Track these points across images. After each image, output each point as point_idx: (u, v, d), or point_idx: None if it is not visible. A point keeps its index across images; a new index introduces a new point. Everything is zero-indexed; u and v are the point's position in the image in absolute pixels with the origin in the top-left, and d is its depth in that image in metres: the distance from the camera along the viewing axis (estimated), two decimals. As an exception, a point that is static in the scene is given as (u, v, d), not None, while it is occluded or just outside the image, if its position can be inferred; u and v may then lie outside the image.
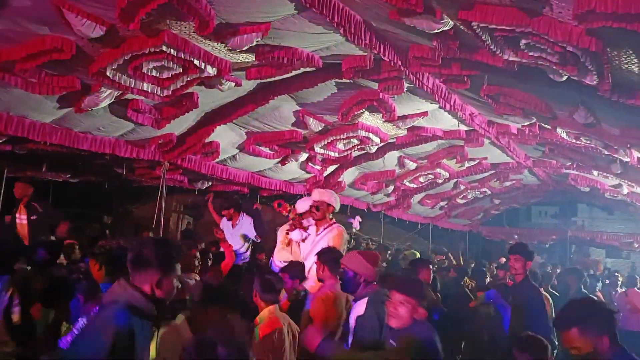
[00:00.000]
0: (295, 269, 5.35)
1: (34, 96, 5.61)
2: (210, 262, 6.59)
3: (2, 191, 7.94)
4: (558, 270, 11.88)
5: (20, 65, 4.95)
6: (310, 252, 5.43)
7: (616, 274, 12.36)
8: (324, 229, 5.63)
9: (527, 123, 7.67)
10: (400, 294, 3.30)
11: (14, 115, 6.08)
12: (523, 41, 4.34)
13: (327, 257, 4.63)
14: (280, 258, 5.93)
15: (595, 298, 6.95)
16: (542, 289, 6.27)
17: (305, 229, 5.83)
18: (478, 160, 11.20)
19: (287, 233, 5.99)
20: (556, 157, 10.34)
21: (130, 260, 2.52)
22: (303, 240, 5.79)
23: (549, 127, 7.52)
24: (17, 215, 6.38)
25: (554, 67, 4.65)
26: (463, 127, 8.64)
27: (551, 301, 6.90)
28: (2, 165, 7.29)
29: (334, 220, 5.70)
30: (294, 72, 6.11)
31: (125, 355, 2.27)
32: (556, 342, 4.93)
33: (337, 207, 5.79)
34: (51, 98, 5.85)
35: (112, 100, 5.99)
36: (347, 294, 4.45)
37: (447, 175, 11.81)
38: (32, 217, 6.38)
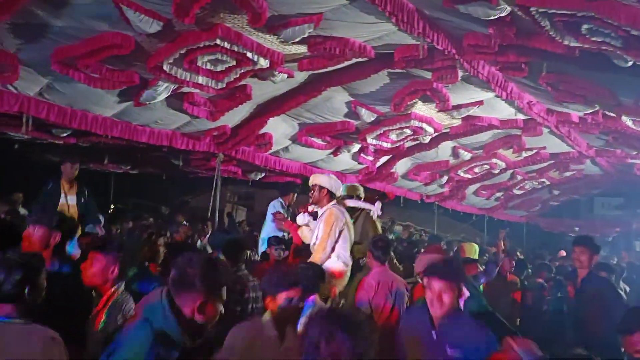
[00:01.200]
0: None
1: (96, 91, 5.83)
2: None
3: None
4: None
5: (82, 61, 5.15)
6: (312, 235, 5.40)
7: None
8: (322, 212, 5.43)
9: (590, 111, 7.35)
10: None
11: (78, 109, 6.35)
12: (584, 26, 4.17)
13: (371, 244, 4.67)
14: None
15: None
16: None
17: (309, 212, 5.77)
18: (536, 150, 10.85)
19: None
20: (621, 146, 9.88)
21: (173, 278, 2.32)
22: (307, 225, 5.73)
23: (614, 114, 7.20)
24: (65, 198, 6.64)
25: (618, 52, 4.44)
26: (520, 116, 8.38)
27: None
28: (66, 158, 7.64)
29: (333, 202, 5.52)
30: (346, 63, 6.10)
31: None
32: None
33: (336, 191, 5.45)
34: (112, 92, 6.07)
35: (168, 94, 6.16)
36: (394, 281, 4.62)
37: (503, 165, 11.50)
38: (81, 200, 6.67)
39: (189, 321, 2.25)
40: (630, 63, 4.64)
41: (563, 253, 12.69)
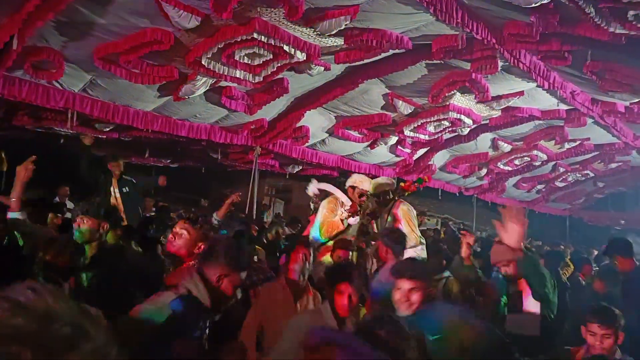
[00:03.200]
0: None
1: (137, 86, 5.97)
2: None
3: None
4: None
5: (124, 57, 5.29)
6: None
7: None
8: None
9: (637, 100, 7.11)
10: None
11: (120, 104, 6.52)
12: (631, 12, 4.03)
13: (390, 238, 4.58)
14: None
15: None
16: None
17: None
18: (580, 141, 10.52)
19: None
20: (670, 136, 9.52)
21: (203, 252, 2.69)
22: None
23: (662, 104, 6.94)
24: (112, 190, 6.90)
25: (668, 39, 4.28)
26: (563, 107, 8.15)
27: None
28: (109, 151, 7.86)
29: None
30: (383, 55, 6.05)
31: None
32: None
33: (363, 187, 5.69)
34: (152, 87, 6.21)
35: (207, 88, 6.25)
36: None
37: (545, 157, 11.21)
38: (124, 190, 6.90)
39: (213, 288, 2.50)
40: (680, 50, 4.47)
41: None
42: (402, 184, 6.03)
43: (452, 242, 7.57)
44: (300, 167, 10.75)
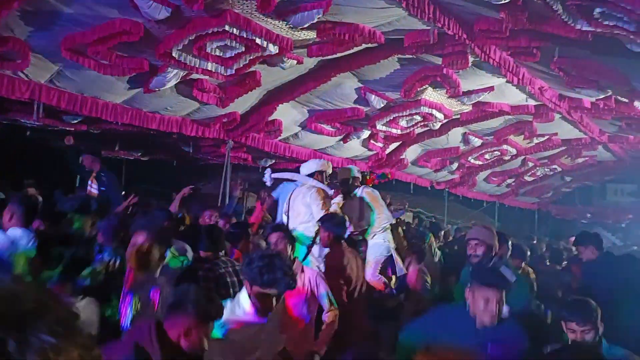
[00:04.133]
0: None
1: (106, 77, 5.86)
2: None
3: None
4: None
5: (92, 48, 5.18)
6: None
7: None
8: None
9: (602, 96, 7.27)
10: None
11: (88, 96, 6.39)
12: (597, 9, 4.12)
13: (331, 223, 4.65)
14: None
15: None
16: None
17: None
18: (548, 136, 10.75)
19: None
20: (634, 132, 9.77)
21: (168, 302, 2.47)
22: None
23: (626, 100, 7.12)
24: (90, 186, 6.78)
25: (631, 37, 4.38)
26: (532, 102, 8.30)
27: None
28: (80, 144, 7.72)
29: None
30: (356, 49, 6.07)
31: None
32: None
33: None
34: (122, 79, 6.10)
35: (178, 81, 6.17)
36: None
37: (514, 152, 11.43)
38: (102, 189, 6.76)
39: (173, 346, 2.30)
40: (644, 47, 4.58)
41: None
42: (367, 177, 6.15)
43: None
44: (273, 161, 10.71)
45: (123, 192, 10.53)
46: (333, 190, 5.94)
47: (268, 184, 6.18)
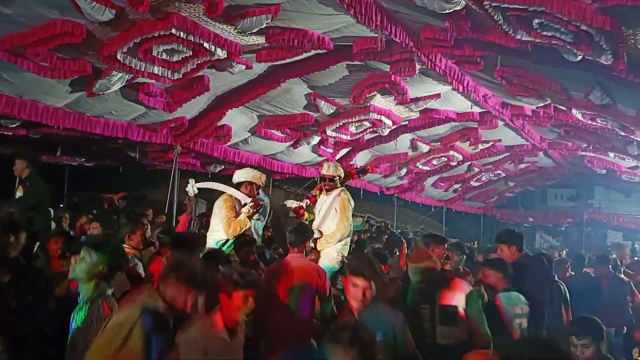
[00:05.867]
0: None
1: (46, 80, 5.65)
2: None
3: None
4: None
5: (31, 50, 4.99)
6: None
7: None
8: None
9: (542, 104, 7.56)
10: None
11: (27, 99, 6.14)
12: (536, 20, 4.27)
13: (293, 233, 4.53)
14: None
15: None
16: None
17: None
18: (492, 143, 11.10)
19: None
20: (572, 139, 10.19)
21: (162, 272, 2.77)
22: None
23: (564, 108, 7.41)
24: (17, 193, 6.48)
25: (568, 47, 4.57)
26: (476, 109, 8.54)
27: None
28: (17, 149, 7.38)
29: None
30: (305, 55, 6.08)
31: None
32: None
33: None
34: (63, 82, 5.89)
35: (123, 84, 6.01)
36: None
37: (460, 157, 11.72)
38: (19, 195, 6.47)
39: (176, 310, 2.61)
40: (579, 57, 4.77)
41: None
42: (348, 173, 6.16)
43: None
44: (223, 167, 10.59)
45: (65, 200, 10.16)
46: (307, 199, 5.94)
47: (191, 194, 6.07)
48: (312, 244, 5.16)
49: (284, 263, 4.22)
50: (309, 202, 6.08)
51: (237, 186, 5.61)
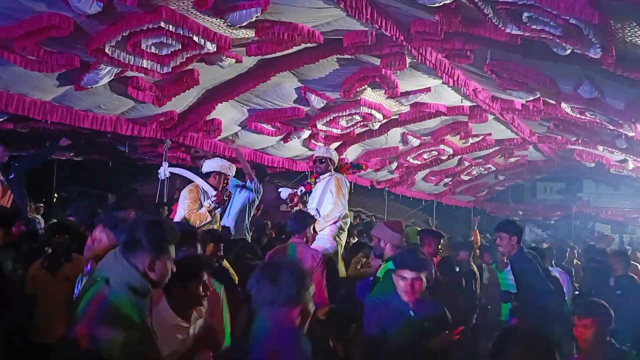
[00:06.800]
0: None
1: (34, 74, 5.58)
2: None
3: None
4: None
5: (18, 43, 4.92)
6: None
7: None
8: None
9: (532, 98, 7.59)
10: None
11: (14, 93, 6.07)
12: (525, 14, 4.28)
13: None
14: None
15: None
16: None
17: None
18: (482, 137, 11.13)
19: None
20: (561, 132, 10.26)
21: (123, 242, 2.41)
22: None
23: (553, 102, 7.46)
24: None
25: (557, 41, 4.59)
26: (467, 103, 8.56)
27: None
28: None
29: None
30: (295, 48, 6.04)
31: None
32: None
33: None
34: (51, 76, 5.82)
35: (111, 78, 5.95)
36: None
37: (451, 151, 11.76)
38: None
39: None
40: (568, 51, 4.79)
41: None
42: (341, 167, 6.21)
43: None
44: (213, 161, 10.55)
45: (55, 195, 10.11)
46: (302, 187, 5.97)
47: (162, 177, 6.10)
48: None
49: (282, 247, 4.39)
50: (303, 190, 6.09)
51: (206, 176, 5.63)
